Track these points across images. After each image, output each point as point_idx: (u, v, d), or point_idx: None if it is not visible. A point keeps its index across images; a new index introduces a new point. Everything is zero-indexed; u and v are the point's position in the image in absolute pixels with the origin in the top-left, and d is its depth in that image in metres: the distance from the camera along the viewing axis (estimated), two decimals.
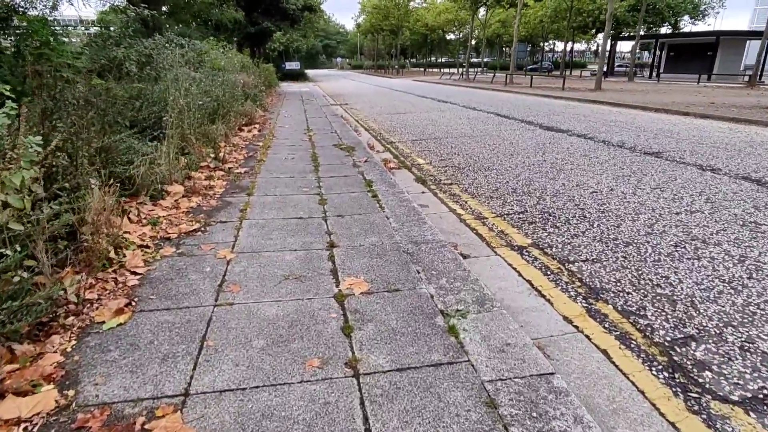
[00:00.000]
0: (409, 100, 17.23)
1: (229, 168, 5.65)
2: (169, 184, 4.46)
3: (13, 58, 6.99)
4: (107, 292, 2.64)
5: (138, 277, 2.83)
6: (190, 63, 9.87)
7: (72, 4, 11.96)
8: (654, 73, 36.33)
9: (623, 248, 3.56)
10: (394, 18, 46.22)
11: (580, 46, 69.42)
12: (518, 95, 18.57)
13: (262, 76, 17.94)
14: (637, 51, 51.37)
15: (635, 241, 3.69)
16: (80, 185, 2.86)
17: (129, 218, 3.74)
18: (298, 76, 40.14)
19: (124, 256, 3.03)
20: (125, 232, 3.44)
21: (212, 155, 5.92)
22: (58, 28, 6.84)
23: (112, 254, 2.96)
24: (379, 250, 3.30)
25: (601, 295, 2.90)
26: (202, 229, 3.66)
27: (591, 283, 3.05)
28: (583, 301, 2.84)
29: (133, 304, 2.53)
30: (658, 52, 37.35)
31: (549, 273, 3.20)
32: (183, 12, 19.98)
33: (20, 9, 8.88)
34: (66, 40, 7.46)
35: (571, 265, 3.30)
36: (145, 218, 3.79)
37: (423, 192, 5.16)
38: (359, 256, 3.19)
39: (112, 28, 15.18)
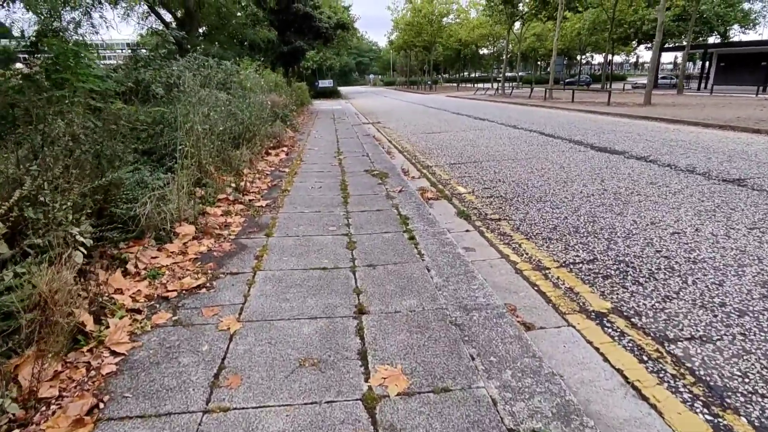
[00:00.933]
0: (444, 118, 16.57)
1: (250, 200, 5.12)
2: (179, 224, 3.94)
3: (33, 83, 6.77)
4: (73, 384, 2.06)
5: (118, 359, 2.25)
6: (220, 84, 9.58)
7: (96, 30, 12.06)
8: (702, 85, 34.36)
9: (738, 320, 2.73)
10: (427, 34, 45.95)
11: (617, 58, 67.29)
12: (560, 111, 17.59)
13: (294, 95, 17.77)
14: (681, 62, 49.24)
15: (751, 308, 2.86)
16: (51, 244, 2.32)
17: (126, 269, 3.22)
18: (331, 94, 40.37)
19: (107, 327, 2.47)
20: (116, 291, 2.90)
21: (233, 185, 5.42)
22: (83, 52, 6.56)
23: (90, 326, 2.40)
24: (419, 319, 2.62)
25: (728, 400, 2.11)
26: (208, 284, 3.08)
27: (708, 378, 2.26)
28: (705, 409, 2.06)
29: (102, 405, 1.94)
30: (706, 63, 35.38)
31: (646, 358, 2.42)
32: (218, 33, 20.20)
33: (58, 33, 8.82)
34: (94, 63, 7.23)
35: (673, 346, 2.51)
36: (144, 269, 3.26)
37: (467, 230, 4.45)
38: (395, 329, 2.51)
39: (143, 51, 15.31)
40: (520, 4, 31.27)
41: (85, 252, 2.73)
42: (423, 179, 6.75)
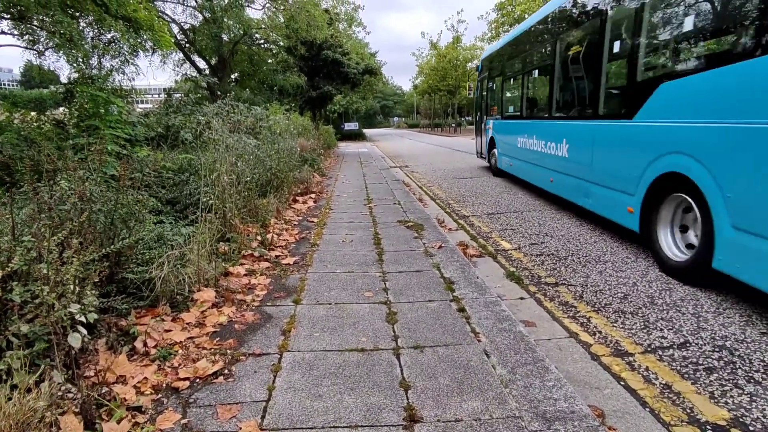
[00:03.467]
0: (473, 162, 16.20)
1: (276, 257, 4.69)
2: (198, 289, 3.51)
3: (61, 128, 6.69)
4: None
5: None
6: (249, 129, 9.47)
7: (131, 78, 12.33)
8: None
9: None
10: (451, 79, 46.68)
11: None
12: None
13: (321, 138, 17.81)
14: None
15: None
16: (37, 334, 1.89)
17: (134, 347, 2.77)
18: (356, 136, 40.95)
19: None
20: (119, 378, 2.44)
21: (259, 238, 5.03)
22: (114, 99, 6.47)
23: None
24: None
25: None
26: (227, 370, 2.59)
27: None
28: None
29: None
30: None
31: None
32: (249, 79, 20.71)
33: (94, 80, 9.04)
34: (125, 110, 7.17)
35: None
36: (155, 346, 2.80)
37: (521, 298, 3.88)
38: None
39: (177, 95, 15.63)
40: None
41: (85, 333, 2.30)
42: (461, 231, 6.24)
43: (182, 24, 17.14)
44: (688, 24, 4.07)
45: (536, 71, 8.61)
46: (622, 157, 4.95)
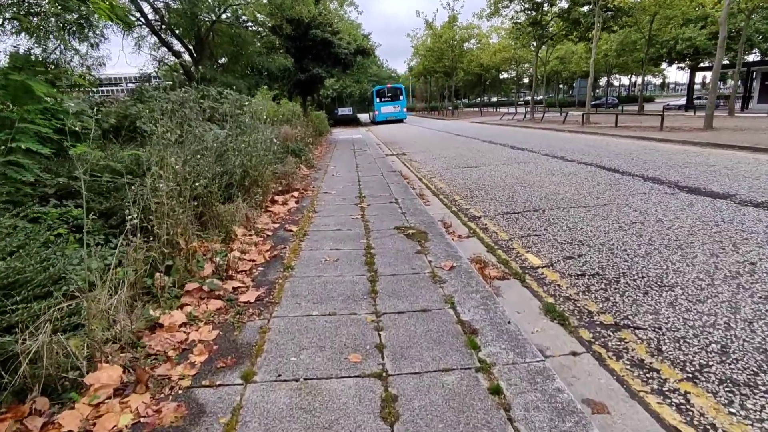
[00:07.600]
0: (476, 147, 14.94)
1: (234, 289, 3.51)
2: (100, 362, 2.33)
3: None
4: None
5: None
6: (224, 116, 8.23)
7: (101, 63, 11.01)
8: (746, 105, 31.98)
9: None
10: (447, 60, 44.92)
11: (641, 79, 65.39)
12: (607, 138, 15.71)
13: (311, 125, 16.50)
14: (733, 82, 47.06)
15: None
16: None
17: None
18: (350, 122, 39.71)
19: None
20: None
21: (215, 260, 3.84)
22: (39, 85, 5.18)
23: None
24: None
25: None
26: None
27: None
28: None
29: None
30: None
31: None
32: (233, 62, 19.29)
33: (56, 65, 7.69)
34: (59, 100, 5.89)
35: None
36: None
37: (574, 353, 2.72)
38: None
39: (161, 83, 14.26)
40: (548, 26, 29.86)
41: None
42: (474, 239, 5.05)
43: (154, 3, 15.63)
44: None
45: (374, 100, 40.01)
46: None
